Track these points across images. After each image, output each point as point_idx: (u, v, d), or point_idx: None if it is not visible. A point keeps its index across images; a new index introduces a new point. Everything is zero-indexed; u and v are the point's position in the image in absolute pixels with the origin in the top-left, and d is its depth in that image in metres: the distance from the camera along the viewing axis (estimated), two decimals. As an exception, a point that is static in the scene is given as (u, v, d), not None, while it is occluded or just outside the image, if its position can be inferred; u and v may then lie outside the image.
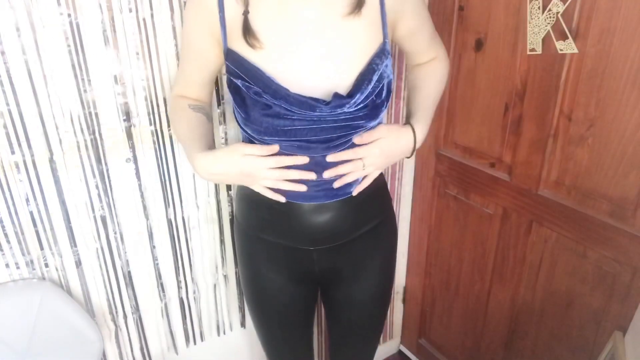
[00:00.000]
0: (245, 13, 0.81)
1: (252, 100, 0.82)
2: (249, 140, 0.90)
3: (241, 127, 0.89)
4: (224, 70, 1.06)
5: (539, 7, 1.07)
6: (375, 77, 0.84)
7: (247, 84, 0.82)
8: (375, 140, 0.88)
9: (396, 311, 1.88)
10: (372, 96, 0.84)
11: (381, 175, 1.01)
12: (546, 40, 1.09)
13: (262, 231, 0.99)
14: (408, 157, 0.97)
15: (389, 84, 0.88)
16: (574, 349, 1.24)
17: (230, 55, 0.85)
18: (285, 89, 0.81)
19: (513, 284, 1.36)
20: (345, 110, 0.82)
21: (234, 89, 0.86)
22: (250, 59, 0.83)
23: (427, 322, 1.78)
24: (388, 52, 0.87)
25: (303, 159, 0.85)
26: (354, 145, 0.87)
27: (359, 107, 0.83)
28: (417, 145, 0.96)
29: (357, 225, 0.98)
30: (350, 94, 0.82)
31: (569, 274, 1.20)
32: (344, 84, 0.84)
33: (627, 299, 1.08)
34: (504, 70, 1.21)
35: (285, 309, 1.06)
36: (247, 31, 0.81)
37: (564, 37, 1.05)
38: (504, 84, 1.23)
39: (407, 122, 0.98)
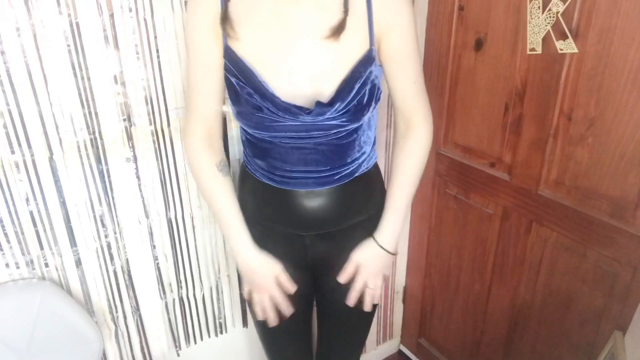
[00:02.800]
0: (226, 1, 0.85)
1: (245, 98, 0.87)
2: (244, 133, 0.96)
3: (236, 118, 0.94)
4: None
5: (539, 7, 1.07)
6: (357, 85, 0.86)
7: (241, 83, 0.86)
8: (358, 271, 1.01)
9: (396, 311, 1.88)
10: (354, 102, 0.87)
11: (375, 167, 1.05)
12: (546, 40, 1.09)
13: (260, 217, 1.01)
14: (396, 254, 1.05)
15: (373, 89, 0.89)
16: (574, 348, 1.24)
17: (228, 53, 0.88)
18: (272, 93, 0.85)
19: (513, 283, 1.36)
20: (327, 116, 0.86)
21: (228, 85, 0.90)
22: (245, 57, 0.86)
23: (427, 322, 1.78)
24: (374, 59, 0.89)
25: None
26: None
27: (340, 113, 0.87)
28: (394, 244, 1.03)
29: (347, 214, 1.00)
30: (331, 102, 0.86)
31: (569, 273, 1.20)
32: (326, 91, 0.87)
33: (627, 299, 1.08)
34: (504, 70, 1.21)
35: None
36: (225, 18, 0.85)
37: (564, 36, 1.05)
38: (503, 84, 1.23)
39: (372, 235, 1.03)
